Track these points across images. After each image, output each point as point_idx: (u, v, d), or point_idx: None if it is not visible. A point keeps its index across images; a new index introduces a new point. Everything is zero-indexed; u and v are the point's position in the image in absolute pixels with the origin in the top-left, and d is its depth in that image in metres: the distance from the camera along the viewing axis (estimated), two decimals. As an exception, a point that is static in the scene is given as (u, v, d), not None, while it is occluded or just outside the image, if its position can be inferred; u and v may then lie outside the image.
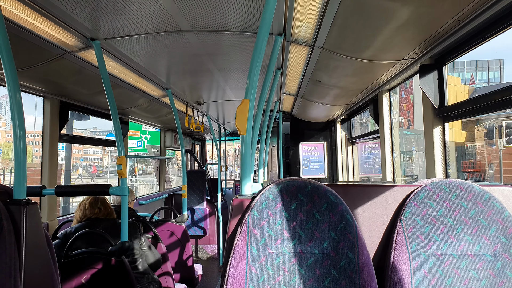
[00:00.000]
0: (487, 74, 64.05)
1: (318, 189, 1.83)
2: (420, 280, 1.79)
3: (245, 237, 1.79)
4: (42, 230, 2.16)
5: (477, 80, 61.00)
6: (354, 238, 1.78)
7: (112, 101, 3.24)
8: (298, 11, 2.60)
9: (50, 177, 4.21)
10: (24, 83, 3.62)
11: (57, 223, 4.24)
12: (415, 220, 1.86)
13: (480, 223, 1.83)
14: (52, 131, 4.22)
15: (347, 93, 4.89)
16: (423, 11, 2.30)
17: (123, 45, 3.16)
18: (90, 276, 3.11)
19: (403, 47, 2.96)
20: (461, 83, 52.88)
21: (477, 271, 1.79)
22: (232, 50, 3.46)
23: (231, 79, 4.66)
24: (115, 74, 3.92)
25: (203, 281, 6.98)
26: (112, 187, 3.04)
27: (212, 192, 8.75)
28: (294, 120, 8.05)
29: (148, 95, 5.01)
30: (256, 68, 2.08)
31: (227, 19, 2.75)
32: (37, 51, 2.99)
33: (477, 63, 67.10)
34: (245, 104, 2.05)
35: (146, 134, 22.29)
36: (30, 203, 2.10)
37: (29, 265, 2.00)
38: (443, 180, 1.91)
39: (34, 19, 2.53)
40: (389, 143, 4.63)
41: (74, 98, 4.44)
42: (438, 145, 3.29)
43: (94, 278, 3.12)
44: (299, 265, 1.77)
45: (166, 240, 4.87)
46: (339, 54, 3.24)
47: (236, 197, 2.01)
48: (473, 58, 58.80)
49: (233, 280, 1.74)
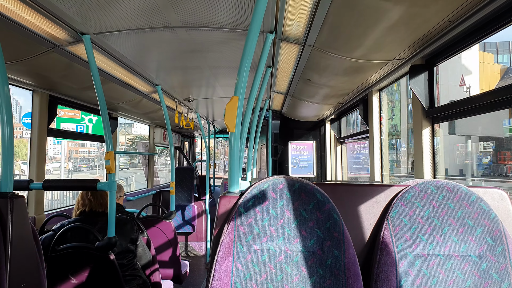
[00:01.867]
0: (509, 56, 61.64)
1: (306, 187, 1.84)
2: (405, 280, 1.79)
3: (231, 234, 1.79)
4: (28, 223, 2.15)
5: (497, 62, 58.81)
6: (340, 237, 1.78)
7: (101, 96, 3.22)
8: (290, 9, 2.60)
9: (38, 171, 4.18)
10: (13, 76, 3.59)
11: (44, 217, 4.21)
12: (402, 220, 1.87)
13: (467, 224, 1.84)
14: (41, 125, 4.19)
15: (337, 93, 4.89)
16: (415, 11, 2.31)
17: (113, 40, 3.14)
18: (76, 270, 3.10)
19: (394, 47, 2.97)
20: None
21: (463, 272, 1.80)
22: (222, 47, 3.45)
23: (221, 76, 4.65)
24: (105, 69, 3.89)
25: (190, 277, 6.98)
26: (100, 182, 3.04)
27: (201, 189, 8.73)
28: (283, 119, 8.06)
29: (138, 91, 4.99)
30: (246, 65, 2.08)
31: (218, 15, 2.74)
32: (26, 45, 2.96)
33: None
34: (234, 101, 2.04)
35: (91, 116, 17.43)
36: (17, 197, 2.10)
37: (15, 258, 2.00)
38: (430, 181, 1.92)
39: (24, 12, 2.50)
40: (378, 143, 4.64)
41: (64, 93, 4.40)
42: (427, 145, 3.31)
43: (80, 272, 3.10)
44: (285, 263, 1.77)
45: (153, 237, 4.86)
46: (329, 53, 3.24)
47: (223, 194, 2.01)
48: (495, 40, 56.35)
49: (219, 277, 1.73)
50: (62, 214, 4.10)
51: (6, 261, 1.95)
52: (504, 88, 2.34)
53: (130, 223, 3.64)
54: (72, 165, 44.34)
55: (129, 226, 3.60)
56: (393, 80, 3.98)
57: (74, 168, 50.48)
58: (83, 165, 58.14)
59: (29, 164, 4.21)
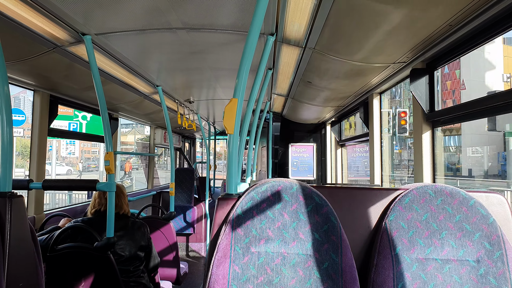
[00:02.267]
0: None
1: (304, 190, 1.84)
2: (402, 284, 1.79)
3: (229, 236, 1.79)
4: (27, 223, 2.16)
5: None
6: (338, 240, 1.78)
7: (101, 97, 3.22)
8: (290, 11, 2.60)
9: (38, 171, 4.19)
10: (15, 76, 3.59)
11: (44, 217, 4.21)
12: (400, 224, 1.87)
13: (465, 228, 1.83)
14: (42, 125, 4.19)
15: (338, 95, 4.89)
16: (416, 14, 2.31)
17: (114, 40, 3.15)
18: (75, 270, 3.10)
19: (394, 50, 2.97)
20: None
21: (460, 276, 1.79)
22: (224, 49, 3.46)
23: (222, 78, 4.65)
24: (106, 69, 3.90)
25: (189, 279, 6.97)
26: (99, 183, 3.04)
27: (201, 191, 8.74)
28: (284, 121, 8.06)
29: (139, 92, 4.99)
30: (246, 67, 2.08)
31: (219, 17, 2.74)
32: (28, 45, 2.97)
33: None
34: (234, 103, 2.04)
35: (84, 113, 15.06)
36: (15, 196, 2.11)
37: (13, 257, 2.01)
38: (429, 185, 1.92)
39: (25, 12, 2.51)
40: (378, 146, 4.64)
41: (64, 93, 4.41)
42: (427, 149, 3.30)
43: (79, 272, 3.10)
44: (282, 265, 1.77)
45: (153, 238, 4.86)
46: (330, 56, 3.24)
47: (221, 196, 2.01)
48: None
49: (215, 279, 1.73)
50: (61, 214, 4.10)
51: (4, 261, 1.95)
52: (506, 92, 2.33)
53: (143, 229, 3.57)
54: (82, 165, 44.16)
55: (141, 233, 3.53)
56: (394, 83, 3.98)
57: (83, 168, 50.26)
58: (93, 165, 58.07)
59: (30, 164, 4.22)
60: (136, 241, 3.45)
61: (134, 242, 3.43)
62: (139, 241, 3.48)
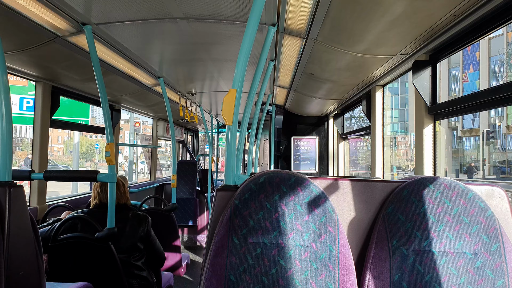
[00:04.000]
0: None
1: (302, 181, 1.83)
2: (399, 276, 1.79)
3: (226, 227, 1.79)
4: (27, 212, 2.18)
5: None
6: (335, 232, 1.78)
7: (102, 88, 3.21)
8: (292, 1, 2.58)
9: (41, 162, 4.20)
10: (16, 66, 3.59)
11: (46, 207, 4.23)
12: (398, 216, 1.86)
13: (463, 221, 1.82)
14: (44, 116, 4.19)
15: (340, 88, 4.87)
16: (419, 5, 2.28)
17: (115, 31, 3.13)
18: (76, 261, 3.11)
19: (397, 41, 2.95)
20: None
21: (457, 269, 1.79)
22: (226, 40, 3.44)
23: (225, 70, 4.64)
24: (107, 60, 3.89)
25: (190, 269, 7.00)
26: (100, 174, 3.05)
27: (203, 183, 8.76)
28: (287, 114, 8.03)
29: (140, 83, 4.98)
30: (245, 56, 2.07)
31: (221, 7, 2.72)
32: (27, 34, 2.96)
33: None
34: (232, 94, 2.03)
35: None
36: (15, 186, 2.12)
37: (13, 246, 2.03)
38: (427, 177, 1.91)
39: (25, 1, 2.50)
40: (380, 139, 4.62)
41: (66, 84, 4.41)
42: (429, 142, 3.28)
43: (80, 262, 3.11)
44: (279, 256, 1.77)
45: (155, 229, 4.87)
46: (332, 47, 3.22)
47: (220, 187, 2.01)
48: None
49: (213, 269, 1.74)
50: (64, 205, 4.12)
51: (4, 249, 1.96)
52: (509, 84, 2.31)
53: (144, 220, 3.55)
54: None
55: (142, 225, 3.51)
56: (396, 75, 3.95)
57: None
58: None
59: (32, 154, 4.23)
60: (136, 232, 3.45)
61: (134, 233, 3.43)
62: (139, 232, 3.48)
